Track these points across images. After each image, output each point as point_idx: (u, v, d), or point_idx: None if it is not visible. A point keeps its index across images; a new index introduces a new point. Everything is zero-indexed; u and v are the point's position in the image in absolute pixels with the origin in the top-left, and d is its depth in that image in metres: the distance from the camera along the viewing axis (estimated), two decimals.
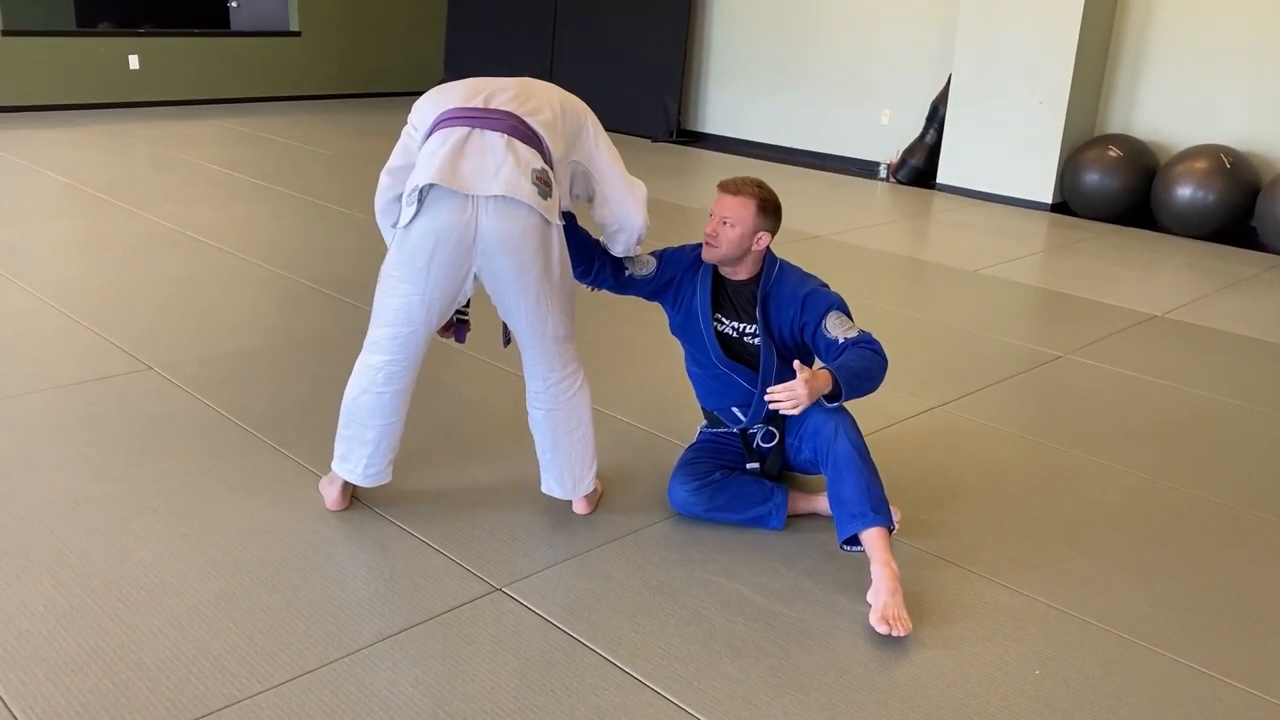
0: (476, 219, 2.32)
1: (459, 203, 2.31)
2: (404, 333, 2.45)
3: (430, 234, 2.32)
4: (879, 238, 6.10)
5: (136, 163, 7.08)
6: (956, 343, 4.29)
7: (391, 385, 2.51)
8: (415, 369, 2.53)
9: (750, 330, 2.69)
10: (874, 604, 2.31)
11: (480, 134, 2.34)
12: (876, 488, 2.44)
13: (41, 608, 2.23)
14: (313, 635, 2.18)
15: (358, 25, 10.68)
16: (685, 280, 2.75)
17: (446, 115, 2.39)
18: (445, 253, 2.34)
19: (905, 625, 2.26)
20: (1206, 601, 2.50)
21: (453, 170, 2.29)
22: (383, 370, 2.49)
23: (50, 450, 2.95)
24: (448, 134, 2.35)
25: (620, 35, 9.44)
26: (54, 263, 4.71)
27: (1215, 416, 3.65)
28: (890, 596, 2.30)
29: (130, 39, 9.39)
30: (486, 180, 2.30)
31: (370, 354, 2.51)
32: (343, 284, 4.58)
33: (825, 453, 2.51)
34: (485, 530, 2.64)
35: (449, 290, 2.41)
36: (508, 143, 2.34)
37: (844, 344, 2.54)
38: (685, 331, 2.78)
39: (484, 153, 2.32)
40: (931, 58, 7.90)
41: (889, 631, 2.25)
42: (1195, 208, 6.37)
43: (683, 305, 2.75)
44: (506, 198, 2.31)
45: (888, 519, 2.42)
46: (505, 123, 2.36)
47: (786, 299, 2.64)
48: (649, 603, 2.37)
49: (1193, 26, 6.68)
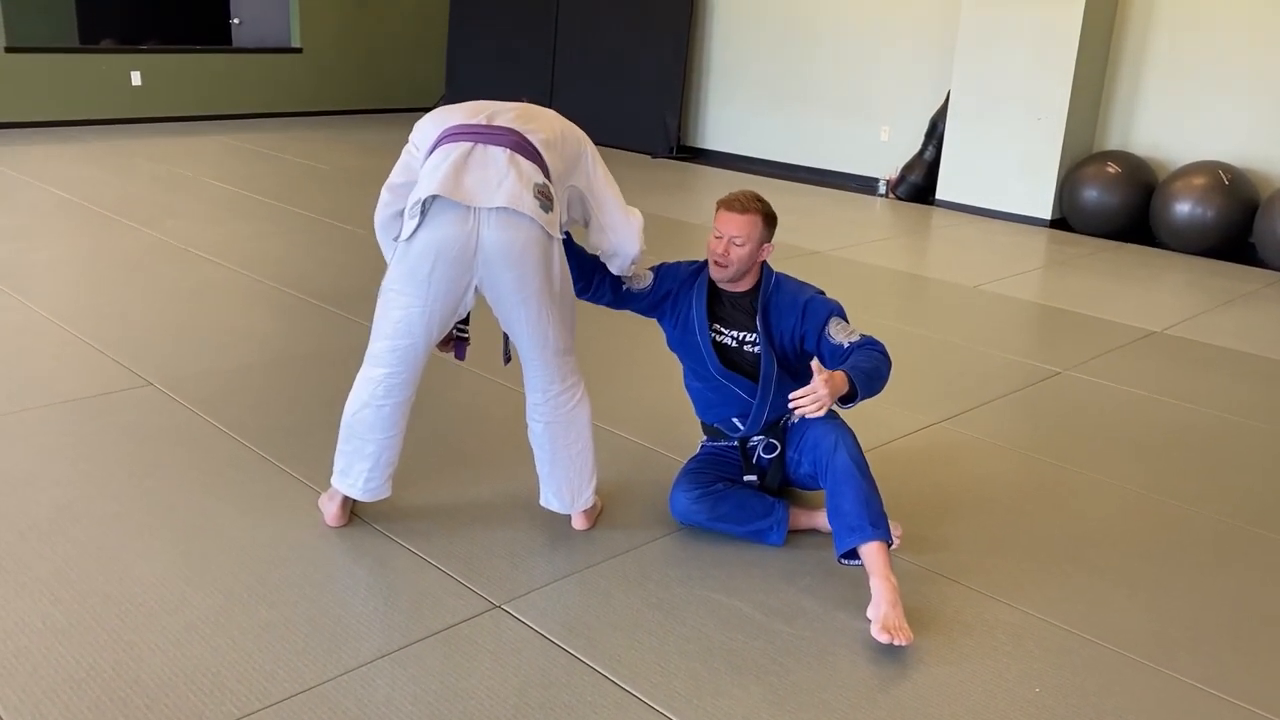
0: (478, 231, 2.34)
1: (461, 215, 2.33)
2: (404, 345, 2.46)
3: (432, 246, 2.34)
4: (878, 253, 6.11)
5: (138, 179, 7.10)
6: (956, 359, 4.29)
7: (391, 398, 2.52)
8: (415, 382, 2.54)
9: (750, 339, 2.70)
10: (874, 617, 2.31)
11: (483, 148, 2.37)
12: (875, 502, 2.45)
13: (40, 624, 2.22)
14: (311, 652, 2.18)
15: (359, 42, 10.73)
16: (682, 294, 2.77)
17: (450, 131, 2.42)
18: (446, 265, 2.36)
19: (907, 635, 2.26)
20: (1207, 618, 2.49)
21: (455, 183, 2.32)
22: (383, 383, 2.50)
23: (50, 466, 2.95)
24: (451, 149, 2.37)
25: (620, 52, 9.49)
26: (55, 279, 4.72)
27: (1215, 432, 3.65)
28: (890, 608, 2.30)
29: (132, 56, 9.43)
30: (489, 193, 2.32)
31: (370, 367, 2.52)
32: (343, 299, 4.59)
33: (824, 466, 2.52)
34: (485, 546, 2.63)
35: (450, 302, 2.42)
36: (510, 157, 2.36)
37: (849, 348, 2.58)
38: (683, 345, 2.79)
39: (486, 166, 2.35)
40: (930, 74, 7.94)
41: (890, 640, 2.25)
42: (1194, 224, 6.38)
43: (680, 318, 2.77)
44: (509, 209, 2.33)
45: (886, 533, 2.42)
46: (508, 138, 2.39)
47: (786, 306, 2.68)
48: (648, 620, 2.36)
49: (1191, 43, 6.71)
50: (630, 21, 9.40)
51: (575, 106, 10.03)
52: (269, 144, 8.80)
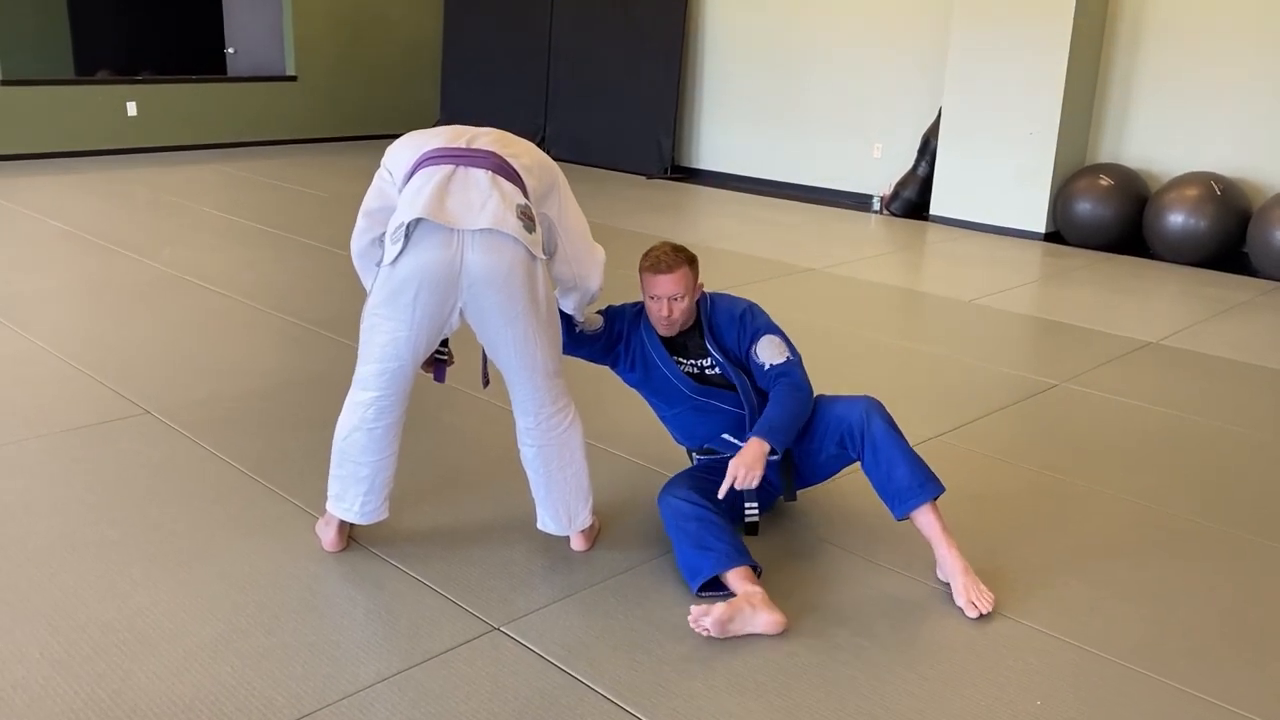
0: (462, 254, 2.35)
1: (444, 238, 2.34)
2: (392, 368, 2.47)
3: (416, 271, 2.35)
4: (873, 270, 6.12)
5: (135, 208, 7.13)
6: (953, 373, 4.30)
7: (382, 420, 2.52)
8: (404, 403, 2.55)
9: (708, 364, 2.76)
10: (953, 584, 2.49)
11: (465, 171, 2.39)
12: (920, 461, 2.57)
13: (38, 654, 2.22)
14: (310, 678, 2.17)
15: (353, 70, 10.79)
16: (632, 334, 2.82)
17: (429, 155, 2.43)
18: (430, 289, 2.37)
19: (989, 599, 2.48)
20: (1209, 628, 2.49)
21: (439, 205, 2.33)
22: (372, 406, 2.51)
23: (48, 495, 2.94)
24: (432, 171, 2.39)
25: (614, 74, 9.54)
26: (53, 308, 4.73)
27: (1213, 442, 3.65)
28: (965, 576, 2.51)
29: (128, 86, 9.48)
30: (472, 215, 2.34)
31: (359, 391, 2.52)
32: (340, 325, 4.60)
33: (859, 436, 2.60)
34: (483, 569, 2.63)
35: (434, 326, 2.44)
36: (492, 178, 2.38)
37: (769, 371, 2.66)
38: (649, 383, 2.83)
39: (469, 189, 2.36)
40: (922, 90, 7.98)
41: (977, 614, 2.45)
42: (1187, 235, 6.41)
43: (636, 359, 2.82)
44: (493, 230, 2.34)
45: (939, 486, 2.57)
46: (489, 160, 2.41)
47: (726, 323, 2.76)
48: (648, 640, 2.36)
49: (1180, 55, 6.76)
50: (624, 43, 9.46)
51: (569, 128, 10.13)
52: (265, 172, 8.83)
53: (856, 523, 2.93)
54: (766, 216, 7.72)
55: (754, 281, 5.63)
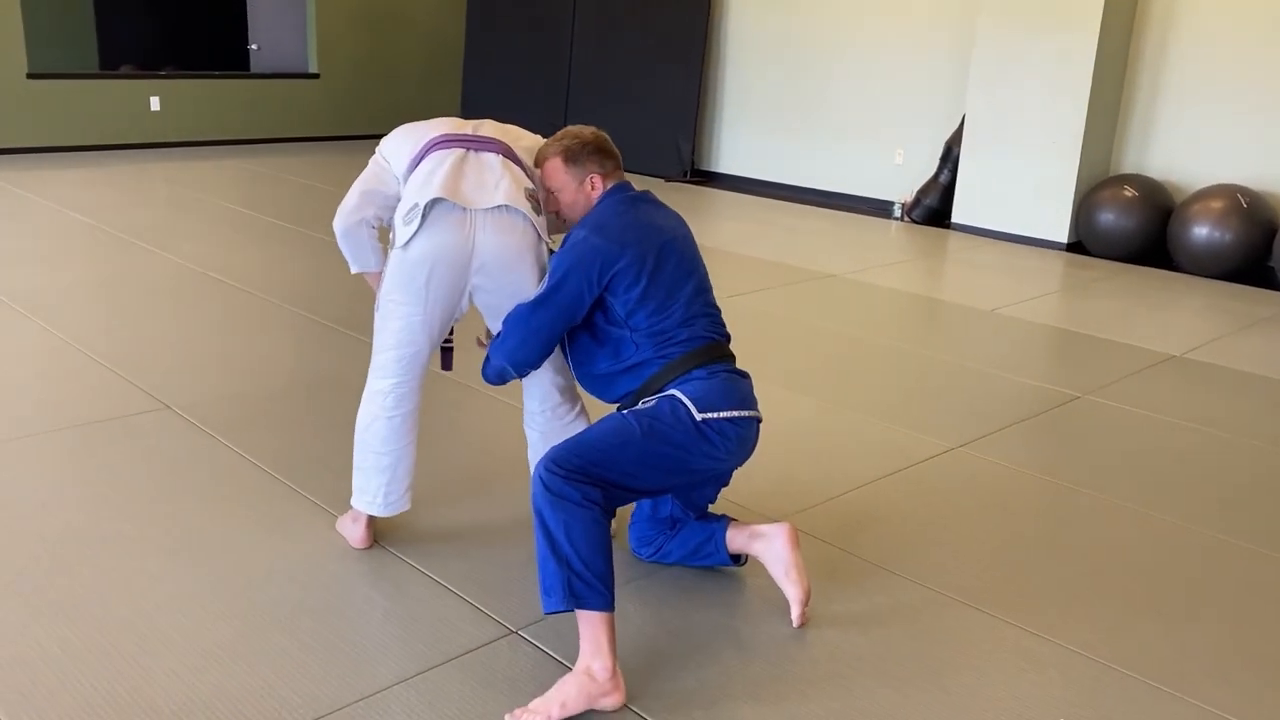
0: (475, 235, 2.41)
1: (459, 219, 2.40)
2: (408, 354, 2.51)
3: (428, 254, 2.40)
4: (894, 277, 6.10)
5: (157, 203, 7.16)
6: (974, 383, 4.27)
7: (401, 408, 2.55)
8: (420, 390, 2.59)
9: None
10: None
11: (476, 154, 2.48)
12: (550, 557, 2.18)
13: (57, 649, 2.22)
14: (328, 678, 2.17)
15: (375, 68, 10.82)
16: None
17: (437, 141, 2.50)
18: (443, 270, 2.42)
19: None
20: (1234, 648, 2.46)
21: (455, 186, 2.41)
22: (392, 394, 2.54)
23: (67, 489, 2.95)
24: (444, 155, 2.46)
25: (634, 77, 9.53)
26: (74, 302, 4.75)
27: (1237, 458, 3.62)
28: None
29: (151, 81, 9.53)
30: (486, 194, 2.42)
31: (377, 379, 2.56)
32: (361, 324, 4.60)
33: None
34: (502, 571, 2.62)
35: (448, 308, 2.49)
36: (503, 162, 2.48)
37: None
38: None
39: (482, 171, 2.46)
40: (944, 97, 7.94)
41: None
42: (1212, 247, 6.35)
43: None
44: (506, 207, 2.42)
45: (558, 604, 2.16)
46: (498, 145, 2.51)
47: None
48: (665, 646, 2.34)
49: (1207, 66, 6.70)
50: (644, 45, 9.45)
51: None
52: (286, 168, 8.86)
53: (875, 531, 2.91)
54: (786, 221, 7.70)
55: (774, 286, 5.61)
